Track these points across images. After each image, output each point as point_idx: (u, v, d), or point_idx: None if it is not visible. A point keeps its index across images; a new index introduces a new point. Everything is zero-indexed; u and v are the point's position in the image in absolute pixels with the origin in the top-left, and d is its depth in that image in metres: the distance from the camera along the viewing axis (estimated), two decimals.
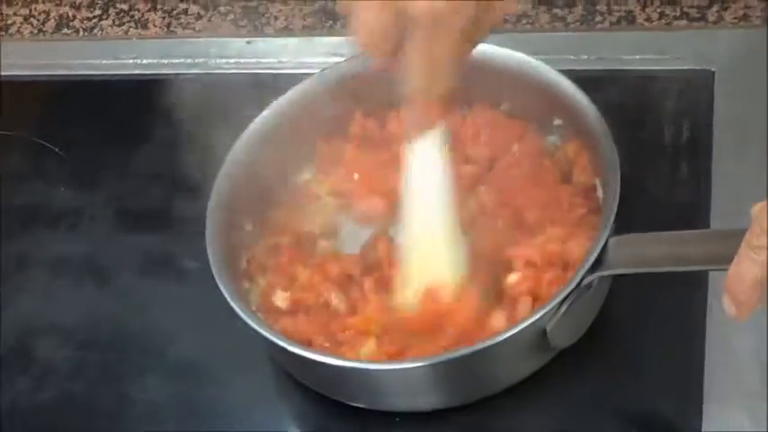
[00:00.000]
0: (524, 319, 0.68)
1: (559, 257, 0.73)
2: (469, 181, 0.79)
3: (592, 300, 0.71)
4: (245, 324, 0.72)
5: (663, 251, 0.66)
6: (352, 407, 0.74)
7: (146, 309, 0.84)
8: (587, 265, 0.68)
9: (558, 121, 0.80)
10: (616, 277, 0.72)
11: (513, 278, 0.73)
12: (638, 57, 0.88)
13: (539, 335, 0.69)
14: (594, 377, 0.73)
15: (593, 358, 0.73)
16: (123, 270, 0.87)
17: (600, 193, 0.76)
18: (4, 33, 1.07)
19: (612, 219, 0.69)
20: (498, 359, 0.70)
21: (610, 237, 0.69)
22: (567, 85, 0.77)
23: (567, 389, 0.73)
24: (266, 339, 0.71)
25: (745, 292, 0.53)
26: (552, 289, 0.71)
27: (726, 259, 0.56)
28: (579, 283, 0.68)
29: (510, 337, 0.67)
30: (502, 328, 0.70)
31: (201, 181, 0.80)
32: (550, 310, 0.68)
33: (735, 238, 0.54)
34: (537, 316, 0.68)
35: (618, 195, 0.70)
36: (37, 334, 0.85)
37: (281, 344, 0.71)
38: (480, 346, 0.68)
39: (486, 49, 0.80)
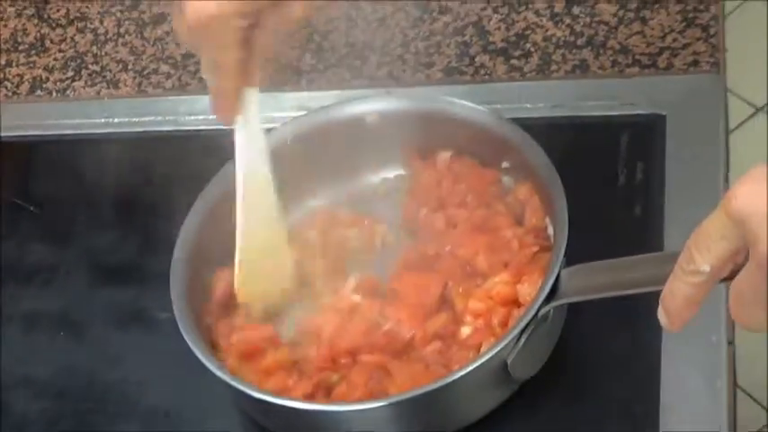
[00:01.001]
0: (485, 352, 0.70)
1: (510, 298, 0.74)
2: (431, 228, 0.81)
3: (549, 330, 0.72)
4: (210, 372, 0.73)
5: (612, 277, 0.68)
6: None
7: (119, 359, 0.86)
8: (542, 296, 0.69)
9: (505, 164, 0.82)
10: (572, 308, 0.74)
11: (465, 331, 0.75)
12: (592, 103, 0.90)
13: (500, 367, 0.70)
14: (555, 407, 0.74)
15: (554, 388, 0.74)
16: (97, 323, 0.88)
17: (551, 230, 0.77)
18: None
19: (563, 249, 0.71)
20: (461, 394, 0.71)
21: (562, 269, 0.70)
22: (513, 129, 0.79)
23: (530, 420, 0.74)
24: (227, 384, 0.72)
25: (677, 307, 0.57)
26: (505, 328, 0.72)
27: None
28: (536, 314, 0.69)
29: (472, 371, 0.69)
30: None
31: (172, 235, 0.81)
32: (510, 342, 0.69)
33: (676, 260, 0.57)
34: (497, 349, 0.69)
35: (567, 226, 0.72)
36: (12, 387, 0.86)
37: (241, 388, 0.72)
38: (443, 381, 0.69)
39: (432, 100, 0.83)
